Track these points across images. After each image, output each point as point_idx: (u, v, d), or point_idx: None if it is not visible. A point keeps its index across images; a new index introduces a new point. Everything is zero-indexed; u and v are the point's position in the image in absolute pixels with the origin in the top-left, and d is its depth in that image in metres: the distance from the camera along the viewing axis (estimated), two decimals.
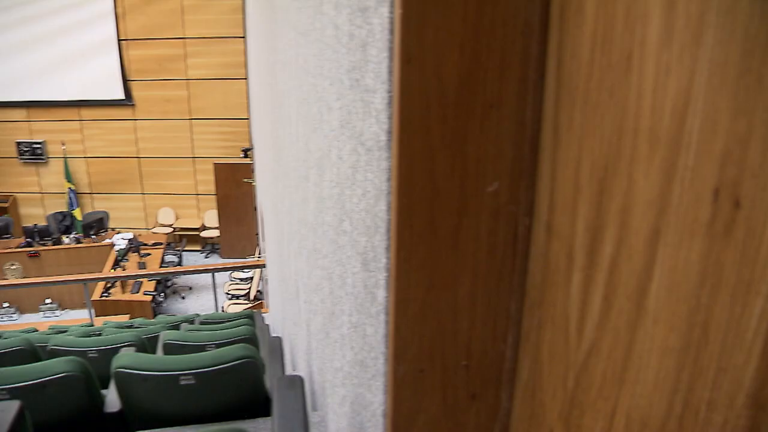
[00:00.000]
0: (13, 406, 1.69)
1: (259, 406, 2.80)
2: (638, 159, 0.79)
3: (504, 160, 1.06)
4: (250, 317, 6.20)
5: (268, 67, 4.88)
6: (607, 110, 0.85)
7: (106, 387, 3.24)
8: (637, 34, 0.77)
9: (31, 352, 4.11)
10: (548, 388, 1.10)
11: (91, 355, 4.01)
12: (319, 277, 2.08)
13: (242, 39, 14.62)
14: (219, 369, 2.61)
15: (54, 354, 4.07)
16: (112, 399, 3.01)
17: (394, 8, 1.01)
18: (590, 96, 0.90)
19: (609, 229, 0.87)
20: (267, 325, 5.21)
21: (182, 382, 2.61)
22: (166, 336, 3.84)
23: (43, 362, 3.01)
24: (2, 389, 2.74)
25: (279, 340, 3.50)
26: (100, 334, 5.18)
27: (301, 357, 3.35)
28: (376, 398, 1.37)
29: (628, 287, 0.84)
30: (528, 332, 1.16)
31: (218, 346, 3.64)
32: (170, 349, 3.69)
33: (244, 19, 14.34)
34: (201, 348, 3.70)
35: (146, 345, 4.05)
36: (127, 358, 2.74)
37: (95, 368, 3.07)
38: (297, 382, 1.88)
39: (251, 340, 3.68)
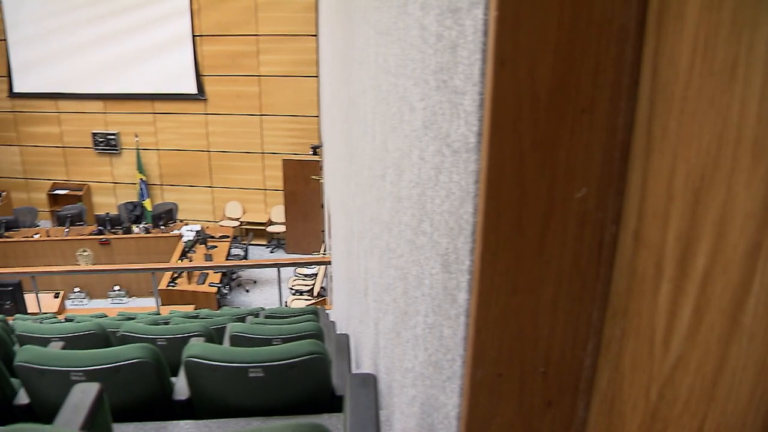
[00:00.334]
0: (93, 388, 1.74)
1: (324, 402, 2.82)
2: (739, 170, 0.77)
3: (593, 165, 1.05)
4: (315, 313, 6.25)
5: (343, 65, 4.91)
6: (706, 119, 0.83)
7: (173, 375, 3.30)
8: (744, 40, 0.75)
9: (102, 336, 4.21)
10: (628, 399, 1.08)
11: (159, 342, 4.09)
12: (393, 276, 2.09)
13: (314, 37, 14.72)
14: (288, 363, 2.64)
15: (124, 340, 4.17)
16: (181, 387, 3.06)
17: (489, 10, 1.00)
18: (688, 104, 0.88)
19: (703, 241, 0.85)
20: (332, 322, 5.24)
21: (251, 375, 2.65)
22: (233, 328, 3.89)
23: (117, 347, 3.08)
24: (78, 371, 2.83)
25: (346, 337, 3.51)
26: (167, 323, 5.28)
27: (366, 355, 3.36)
28: (450, 400, 1.36)
29: (722, 301, 0.82)
30: (609, 341, 1.14)
31: (285, 340, 3.68)
32: (237, 341, 3.74)
33: (316, 17, 14.45)
34: (267, 341, 3.75)
35: (213, 336, 4.12)
36: (197, 348, 2.79)
37: (164, 356, 3.14)
38: (370, 380, 1.88)
39: (317, 336, 3.71)
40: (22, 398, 3.20)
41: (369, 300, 3.06)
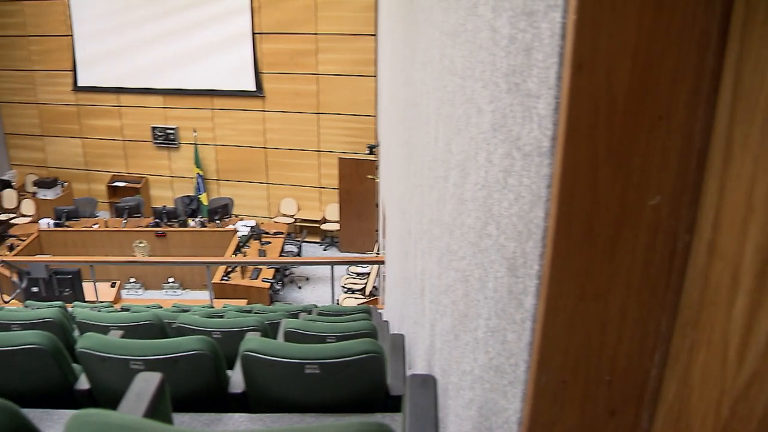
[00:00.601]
0: (156, 378, 1.77)
1: (378, 401, 2.83)
2: None
3: (668, 173, 1.03)
4: (368, 312, 6.27)
5: (403, 66, 4.92)
6: None
7: (228, 368, 3.34)
8: None
9: (159, 327, 4.29)
10: (697, 413, 1.06)
11: (215, 335, 4.14)
12: (453, 278, 2.08)
13: (373, 37, 14.77)
14: (344, 361, 2.65)
15: (181, 331, 4.23)
16: (236, 380, 3.10)
17: (568, 14, 0.99)
18: None
19: None
20: (386, 321, 5.25)
21: (307, 371, 2.67)
22: (287, 324, 3.92)
23: (176, 338, 3.13)
24: (138, 360, 2.89)
25: (401, 337, 3.52)
26: (222, 316, 5.34)
27: (420, 356, 3.36)
28: (511, 405, 1.35)
29: None
30: (678, 352, 1.12)
31: (339, 338, 3.70)
32: (291, 336, 3.77)
33: (375, 17, 14.49)
34: (321, 339, 3.77)
35: (268, 331, 4.16)
36: (255, 343, 2.82)
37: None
38: (430, 381, 1.88)
39: (372, 335, 3.72)
40: (83, 383, 3.28)
41: (425, 301, 3.06)
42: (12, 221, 17.09)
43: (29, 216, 17.34)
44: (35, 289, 10.79)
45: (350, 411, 2.83)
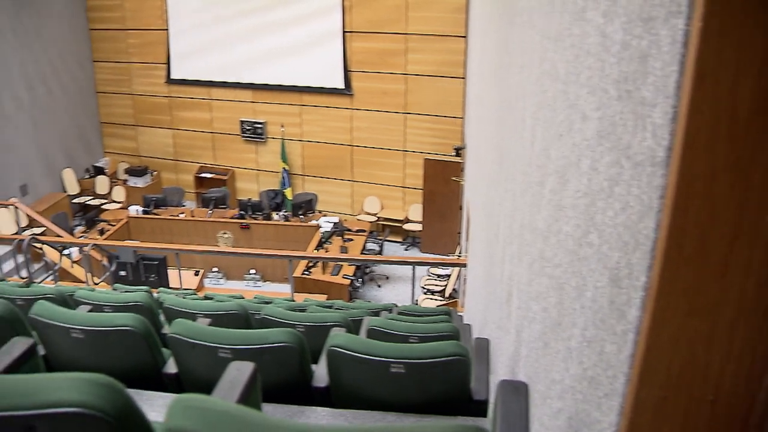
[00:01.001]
0: (249, 367, 1.80)
1: (461, 405, 2.82)
2: None
3: None
4: (448, 314, 6.25)
5: (497, 69, 4.88)
6: None
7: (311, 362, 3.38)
8: None
9: (244, 317, 4.36)
10: None
11: (299, 329, 4.18)
12: (545, 285, 2.05)
13: (463, 38, 14.71)
14: (431, 362, 2.65)
15: (265, 323, 4.30)
16: (320, 374, 3.13)
17: (692, 21, 0.97)
18: None
19: None
20: (468, 324, 5.23)
21: (392, 370, 2.67)
22: (370, 322, 3.94)
23: (264, 330, 3.19)
24: (226, 348, 2.95)
25: (486, 342, 3.49)
26: (304, 310, 5.40)
27: (502, 362, 3.33)
28: (606, 418, 1.33)
29: None
30: None
31: (421, 339, 3.70)
32: (374, 334, 3.78)
33: (466, 18, 14.43)
34: (404, 338, 3.78)
35: (351, 327, 4.19)
36: (342, 339, 2.84)
37: None
38: (522, 388, 1.86)
39: (454, 337, 3.70)
40: (171, 367, 3.37)
41: (512, 307, 3.03)
42: (103, 206, 17.74)
43: (119, 202, 17.96)
44: (123, 273, 11.16)
45: (432, 412, 2.83)
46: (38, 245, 10.99)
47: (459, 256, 12.49)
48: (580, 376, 1.55)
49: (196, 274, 12.93)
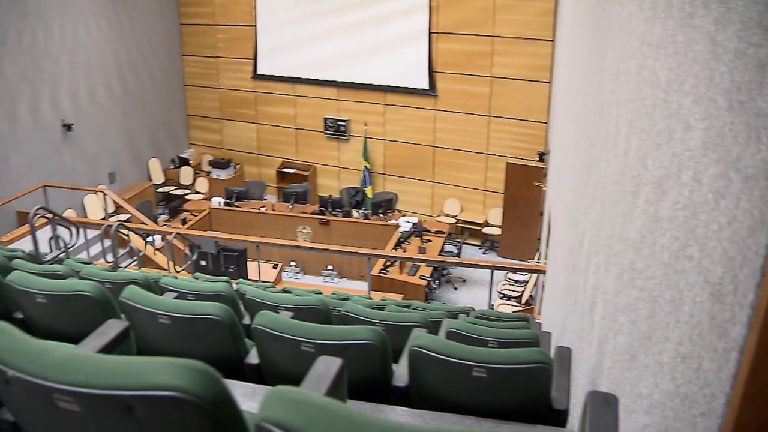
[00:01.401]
0: (336, 363, 1.81)
1: (540, 413, 2.77)
2: None
3: None
4: (526, 320, 6.17)
5: (587, 74, 4.80)
6: None
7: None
8: None
9: (324, 313, 4.39)
10: None
11: (378, 327, 4.19)
12: (635, 297, 2.01)
13: (550, 42, 14.53)
14: (514, 368, 2.61)
15: (345, 320, 4.31)
16: (400, 374, 3.13)
17: None
18: None
19: None
20: (548, 332, 5.16)
21: (474, 374, 2.65)
22: (450, 324, 3.92)
23: (347, 326, 3.21)
24: (309, 342, 2.98)
25: (569, 351, 3.44)
26: (382, 309, 5.40)
27: (582, 372, 3.27)
28: None
29: None
30: None
31: (501, 344, 3.66)
32: (452, 337, 3.76)
33: (554, 22, 14.25)
34: (483, 342, 3.74)
35: (431, 328, 4.17)
36: (425, 339, 2.83)
37: None
38: (612, 401, 1.82)
39: (535, 344, 3.66)
40: (253, 358, 3.42)
41: (595, 317, 2.97)
42: (186, 197, 18.19)
43: (202, 193, 18.40)
44: (203, 263, 11.40)
45: (510, 419, 2.79)
46: (125, 231, 11.31)
47: (538, 263, 12.33)
48: (672, 393, 1.51)
49: (275, 267, 13.11)
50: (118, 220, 12.01)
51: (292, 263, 14.61)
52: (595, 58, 4.23)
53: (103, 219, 13.93)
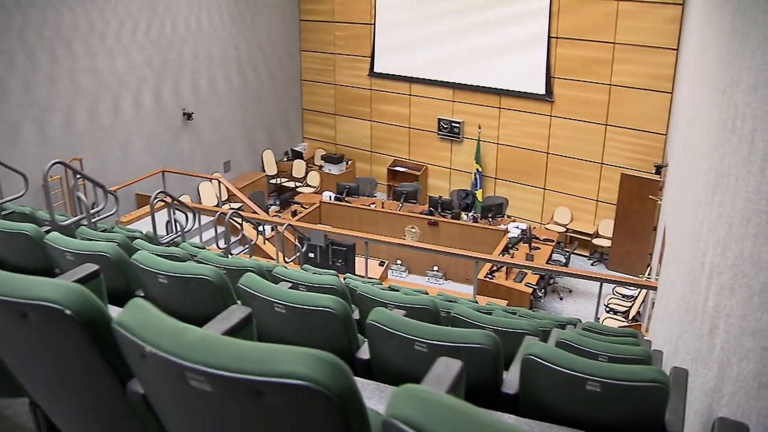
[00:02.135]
0: (456, 364, 1.80)
1: None
2: None
3: None
4: (635, 336, 5.99)
5: (717, 87, 4.61)
6: None
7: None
8: None
9: (434, 313, 4.36)
10: None
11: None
12: (767, 322, 1.91)
13: (674, 51, 14.07)
14: (630, 386, 2.53)
15: (454, 322, 4.28)
16: (511, 381, 3.08)
17: None
18: None
19: None
20: (659, 351, 4.99)
21: (588, 387, 2.59)
22: (559, 334, 3.84)
23: (461, 329, 3.19)
24: (422, 342, 2.97)
25: (685, 372, 3.31)
26: (489, 314, 5.34)
27: (696, 395, 3.15)
28: None
29: None
30: None
31: (611, 359, 3.56)
32: (562, 348, 3.67)
33: (680, 30, 13.79)
34: (593, 356, 3.64)
35: (542, 337, 4.09)
36: (539, 348, 2.78)
37: None
38: (743, 429, 1.74)
39: (647, 362, 3.54)
40: (364, 353, 3.45)
41: (715, 339, 2.85)
42: (298, 189, 18.58)
43: (313, 187, 18.80)
44: (311, 255, 11.59)
45: None
46: (238, 219, 11.61)
47: (648, 278, 11.98)
48: None
49: (381, 264, 13.22)
50: (231, 208, 12.34)
51: (398, 261, 14.70)
52: (729, 69, 4.06)
53: (217, 206, 14.38)
